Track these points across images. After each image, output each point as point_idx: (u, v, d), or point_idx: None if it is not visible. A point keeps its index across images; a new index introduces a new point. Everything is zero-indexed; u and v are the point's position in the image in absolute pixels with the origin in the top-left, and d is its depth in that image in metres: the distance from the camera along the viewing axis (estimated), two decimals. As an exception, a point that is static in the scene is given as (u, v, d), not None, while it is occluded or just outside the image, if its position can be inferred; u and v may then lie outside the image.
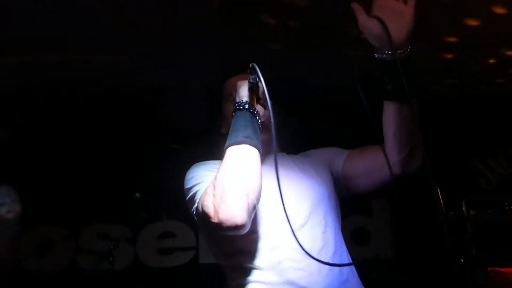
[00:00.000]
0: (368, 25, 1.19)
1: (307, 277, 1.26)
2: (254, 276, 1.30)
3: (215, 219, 1.13)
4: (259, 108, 1.29)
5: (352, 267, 1.40)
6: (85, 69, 3.20)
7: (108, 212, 3.90)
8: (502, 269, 2.87)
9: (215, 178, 1.19)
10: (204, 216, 1.16)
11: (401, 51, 1.19)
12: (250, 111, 1.26)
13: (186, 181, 1.41)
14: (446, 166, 3.85)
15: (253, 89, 1.30)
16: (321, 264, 1.25)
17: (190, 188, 1.36)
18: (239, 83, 1.32)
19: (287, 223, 1.17)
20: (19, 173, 3.87)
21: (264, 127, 1.33)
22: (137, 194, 3.29)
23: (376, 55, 1.22)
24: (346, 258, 1.40)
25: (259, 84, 1.26)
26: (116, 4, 2.41)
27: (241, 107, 1.27)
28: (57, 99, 3.61)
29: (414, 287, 3.44)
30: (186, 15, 2.56)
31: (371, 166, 1.44)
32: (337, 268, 1.31)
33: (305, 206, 1.38)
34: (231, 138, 1.22)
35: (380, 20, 1.16)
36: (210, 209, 1.14)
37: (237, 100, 1.29)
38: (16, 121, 3.82)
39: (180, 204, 4.00)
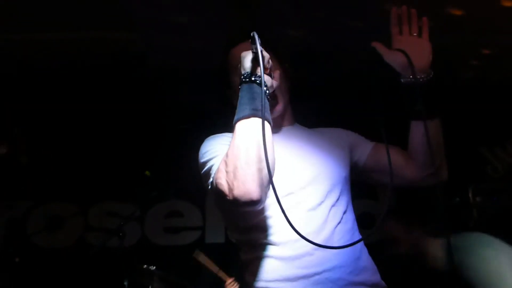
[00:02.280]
0: (393, 57, 1.41)
1: (321, 253, 1.27)
2: (269, 251, 1.31)
3: (230, 196, 1.12)
4: (266, 78, 1.24)
5: (364, 247, 1.41)
6: (96, 48, 3.21)
7: (117, 190, 3.95)
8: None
9: (226, 154, 1.17)
10: (219, 193, 1.15)
11: (425, 75, 1.40)
12: (256, 83, 1.22)
13: (200, 155, 1.39)
14: (455, 153, 3.83)
15: (257, 59, 1.24)
16: (337, 240, 1.29)
17: (205, 163, 1.35)
18: (243, 54, 1.28)
19: (302, 201, 1.21)
20: (31, 151, 3.94)
21: (273, 97, 1.33)
22: (147, 172, 3.31)
23: (402, 80, 1.41)
24: (358, 236, 1.41)
25: (264, 53, 1.22)
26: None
27: (247, 79, 1.23)
28: (69, 78, 3.63)
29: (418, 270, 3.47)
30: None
31: (395, 166, 1.44)
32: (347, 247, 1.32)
33: (324, 185, 1.39)
34: (239, 112, 1.20)
35: (403, 52, 1.36)
36: (224, 187, 1.13)
37: (242, 72, 1.25)
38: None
39: (188, 184, 4.03)
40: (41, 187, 3.96)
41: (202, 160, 1.37)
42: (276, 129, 1.47)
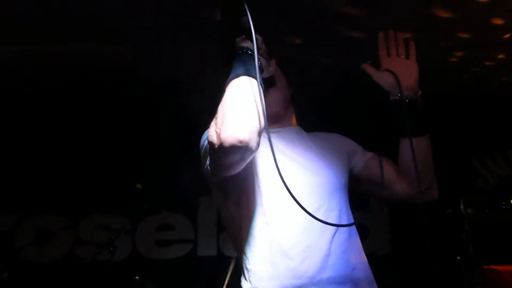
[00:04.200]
0: (381, 77, 1.49)
1: (318, 262, 1.27)
2: (259, 253, 1.31)
3: (217, 142, 1.09)
4: (260, 58, 1.25)
5: (364, 258, 1.41)
6: (87, 60, 3.20)
7: (108, 203, 3.91)
8: (499, 267, 2.88)
9: (217, 110, 1.16)
10: (209, 147, 1.14)
11: (412, 93, 1.46)
12: (247, 54, 1.22)
13: (201, 142, 1.40)
14: (445, 165, 3.86)
15: (251, 38, 1.24)
16: (334, 250, 1.28)
17: (203, 145, 1.35)
18: (238, 39, 1.28)
19: (307, 206, 1.17)
20: (20, 162, 3.90)
21: (269, 89, 1.34)
22: (138, 185, 3.30)
23: (391, 98, 1.48)
24: (356, 245, 1.41)
25: (257, 35, 1.21)
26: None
27: (240, 51, 1.23)
28: (59, 90, 3.61)
29: (411, 284, 3.46)
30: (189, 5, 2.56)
31: (387, 180, 1.49)
32: (345, 257, 1.32)
33: (324, 189, 1.39)
34: (231, 75, 1.19)
35: (390, 71, 1.46)
36: (213, 137, 1.11)
37: (237, 49, 1.26)
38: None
39: (179, 197, 4.00)
40: (30, 200, 3.91)
41: (201, 144, 1.38)
42: (278, 129, 1.48)
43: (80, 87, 3.60)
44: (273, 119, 1.43)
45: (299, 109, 1.63)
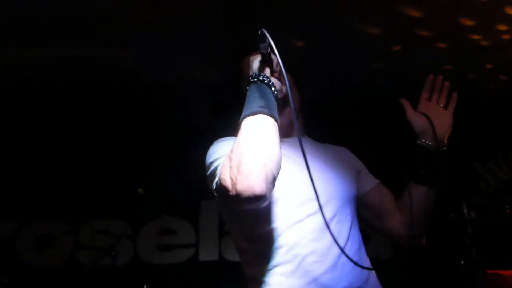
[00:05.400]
0: (415, 118, 1.48)
1: (329, 273, 1.23)
2: (272, 265, 1.26)
3: (232, 192, 1.07)
4: (274, 81, 1.21)
5: (373, 271, 1.37)
6: (87, 65, 3.20)
7: (109, 208, 3.90)
8: (502, 272, 2.87)
9: (231, 150, 1.13)
10: (222, 189, 1.11)
11: (440, 145, 1.46)
12: (264, 82, 1.19)
13: (207, 157, 1.35)
14: (448, 169, 3.84)
15: (266, 61, 1.21)
16: (345, 260, 1.22)
17: (211, 164, 1.30)
18: (251, 58, 1.26)
19: (321, 215, 1.14)
20: (20, 167, 3.89)
21: (283, 102, 1.29)
22: (140, 190, 3.29)
23: (417, 142, 1.47)
24: (365, 256, 1.38)
25: (272, 56, 1.19)
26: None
27: (255, 79, 1.20)
28: (60, 95, 3.61)
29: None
30: (191, 10, 2.55)
31: (385, 213, 1.49)
32: (357, 269, 1.28)
33: (336, 199, 1.35)
34: (246, 110, 1.15)
35: (428, 117, 1.46)
36: (227, 182, 1.09)
37: (250, 73, 1.23)
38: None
39: (181, 201, 3.99)
40: (30, 205, 3.90)
41: (208, 162, 1.33)
42: (288, 138, 1.45)
43: (82, 92, 3.59)
44: (284, 129, 1.39)
45: (306, 117, 1.60)
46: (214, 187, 1.23)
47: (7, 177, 3.87)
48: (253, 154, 1.09)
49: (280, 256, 1.26)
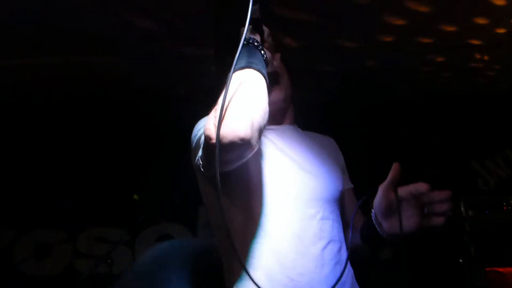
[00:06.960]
0: (385, 201, 1.25)
1: (307, 275, 1.20)
2: (250, 257, 1.22)
3: (215, 137, 0.98)
4: (267, 53, 1.18)
5: (349, 267, 1.33)
6: (80, 72, 3.19)
7: (106, 215, 3.88)
8: (501, 270, 2.86)
9: (217, 102, 1.05)
10: (206, 140, 1.03)
11: (395, 238, 1.26)
12: (254, 45, 1.15)
13: (193, 133, 1.30)
14: (445, 167, 3.85)
15: (257, 29, 1.16)
16: (324, 262, 1.21)
17: (195, 136, 1.25)
18: (242, 29, 1.16)
19: (297, 207, 1.13)
20: (18, 177, 3.88)
21: (272, 82, 1.25)
22: (135, 196, 3.28)
23: (374, 222, 1.28)
24: (345, 257, 1.32)
25: (264, 28, 1.16)
26: (113, 5, 2.41)
27: (245, 42, 1.12)
28: (56, 103, 3.60)
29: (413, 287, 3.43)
30: (183, 15, 2.56)
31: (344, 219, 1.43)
32: (338, 269, 1.25)
33: (322, 194, 1.32)
34: (234, 66, 1.05)
35: (398, 213, 1.21)
36: (211, 131, 1.00)
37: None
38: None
39: (179, 206, 3.96)
40: (28, 214, 3.89)
41: (193, 135, 1.28)
42: (277, 125, 1.42)
43: (77, 100, 3.59)
44: (273, 117, 1.32)
45: (298, 108, 1.57)
46: (199, 155, 1.16)
47: (4, 187, 3.85)
48: (239, 102, 1.02)
49: (257, 249, 1.22)
